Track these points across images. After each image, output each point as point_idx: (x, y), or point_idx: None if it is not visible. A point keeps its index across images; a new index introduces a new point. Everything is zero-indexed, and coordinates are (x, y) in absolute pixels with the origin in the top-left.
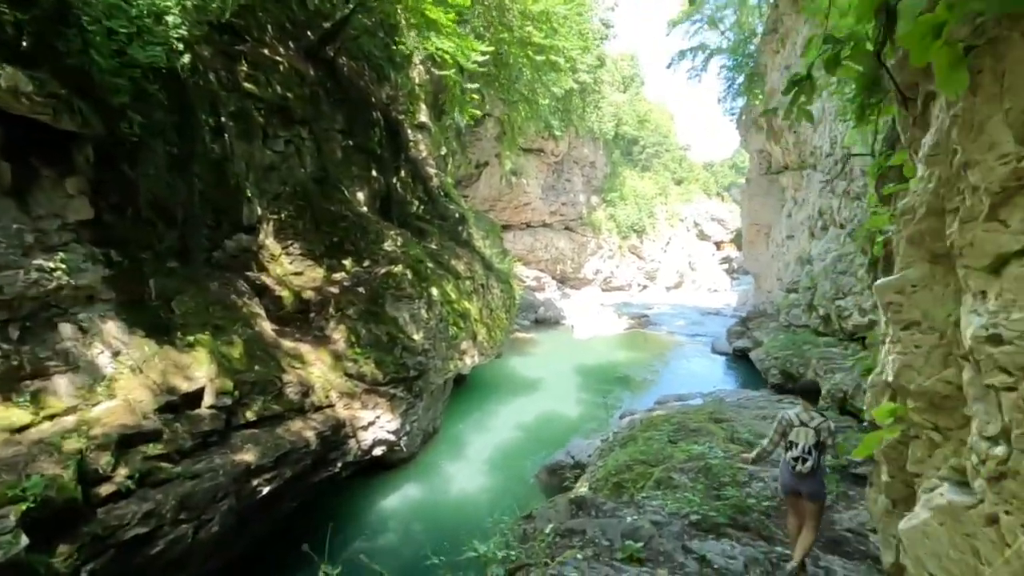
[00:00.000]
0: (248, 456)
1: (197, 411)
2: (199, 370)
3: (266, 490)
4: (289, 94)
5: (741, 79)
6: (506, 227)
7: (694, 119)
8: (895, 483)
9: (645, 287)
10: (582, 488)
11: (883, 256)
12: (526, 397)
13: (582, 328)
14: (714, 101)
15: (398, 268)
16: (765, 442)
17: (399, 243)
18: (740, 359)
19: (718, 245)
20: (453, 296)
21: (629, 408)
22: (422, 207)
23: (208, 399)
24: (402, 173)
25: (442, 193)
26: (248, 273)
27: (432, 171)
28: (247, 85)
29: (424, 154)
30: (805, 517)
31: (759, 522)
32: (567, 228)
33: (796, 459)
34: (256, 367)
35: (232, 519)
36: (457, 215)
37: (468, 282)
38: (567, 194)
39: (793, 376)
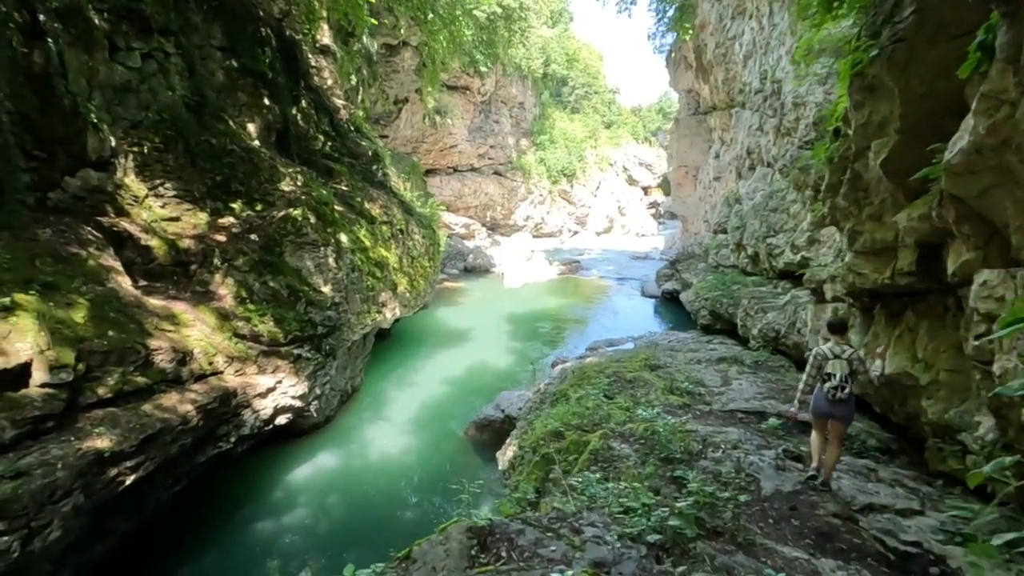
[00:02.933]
0: (101, 442)
1: (23, 392)
2: (21, 340)
3: (130, 479)
4: None
5: (671, 11)
6: (431, 171)
7: (623, 62)
8: None
9: (576, 233)
10: (510, 451)
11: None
12: (455, 349)
13: (513, 276)
14: (642, 44)
15: (298, 211)
16: (803, 383)
17: (300, 183)
18: (669, 301)
19: (645, 190)
20: (367, 243)
21: (561, 355)
22: (329, 144)
23: (39, 376)
24: (303, 103)
25: (352, 128)
26: (101, 219)
27: (340, 103)
28: None
29: (330, 83)
30: (831, 435)
31: (734, 524)
32: (496, 173)
33: (835, 388)
34: (110, 332)
35: (85, 520)
36: (371, 153)
37: (385, 227)
38: (495, 136)
39: (722, 317)
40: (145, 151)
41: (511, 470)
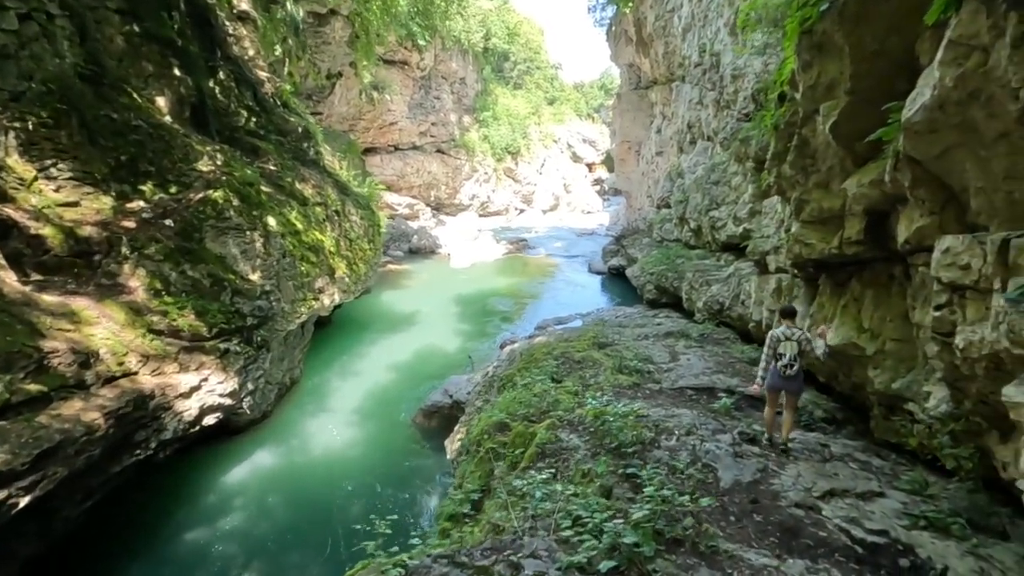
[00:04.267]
0: None
1: None
2: None
3: (25, 501)
4: None
5: None
6: (371, 150)
7: (564, 37)
8: None
9: (522, 211)
10: (457, 439)
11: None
12: (401, 334)
13: (460, 256)
14: (583, 18)
15: (219, 193)
16: (762, 364)
17: (220, 162)
18: (616, 277)
19: (590, 167)
20: (299, 226)
21: (510, 336)
22: (253, 119)
23: None
24: (220, 75)
25: (279, 103)
26: None
27: (264, 75)
28: None
29: (251, 53)
30: (786, 405)
31: (695, 530)
32: (439, 151)
33: (786, 365)
34: None
35: None
36: (300, 130)
37: (319, 209)
38: (437, 113)
39: (668, 291)
40: (30, 127)
41: (458, 460)
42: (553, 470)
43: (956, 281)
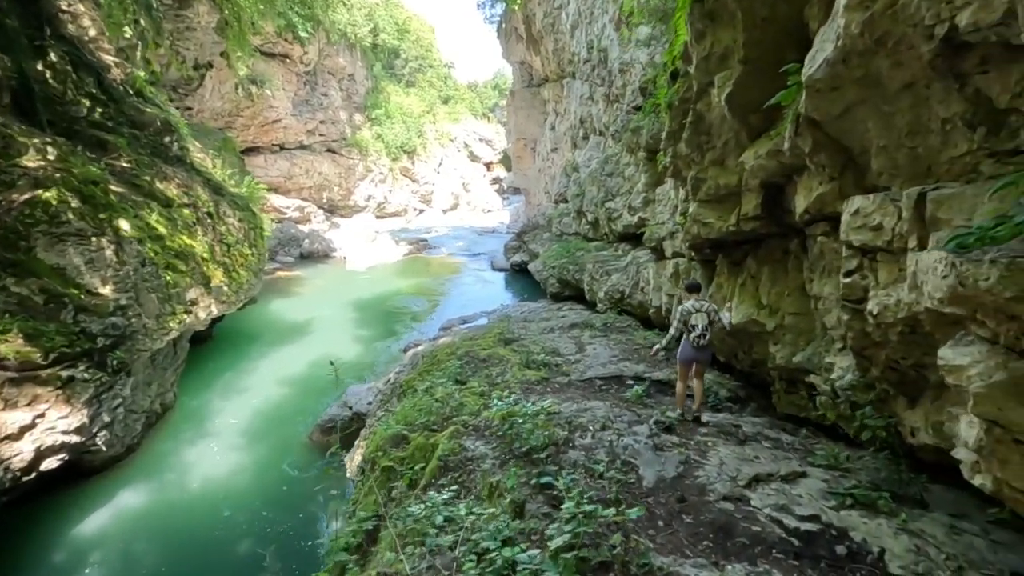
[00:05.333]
0: None
1: None
2: None
3: None
4: None
5: None
6: (253, 150)
7: (456, 36)
8: None
9: (421, 211)
10: (358, 455)
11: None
12: (294, 345)
13: (357, 259)
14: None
15: (51, 193)
16: (671, 333)
17: (52, 157)
18: (519, 273)
19: (488, 166)
20: (163, 230)
21: (414, 339)
22: (99, 110)
23: None
24: (52, 57)
25: (132, 92)
26: None
27: (111, 60)
28: None
29: (93, 34)
30: (696, 373)
31: (623, 546)
32: (330, 150)
33: (698, 336)
34: None
35: None
36: (160, 122)
37: (187, 211)
38: (325, 110)
39: (570, 283)
40: None
41: (357, 479)
42: (457, 486)
43: (867, 244)
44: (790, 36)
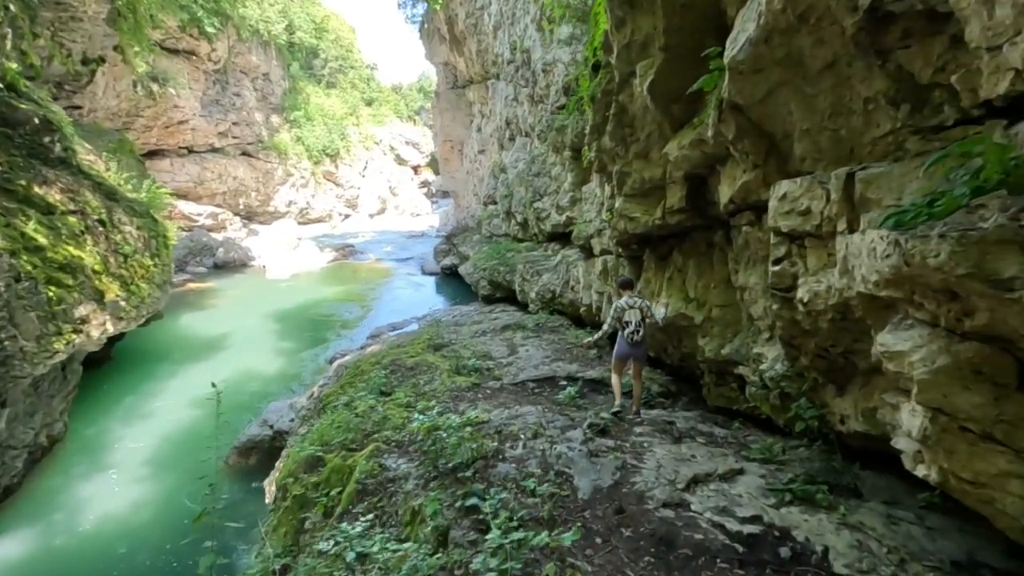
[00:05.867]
0: None
1: None
2: None
3: None
4: None
5: None
6: (157, 153)
7: (378, 38)
8: None
9: (347, 216)
10: (274, 482)
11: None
12: (207, 361)
13: (278, 267)
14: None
15: None
16: (605, 328)
17: None
18: (450, 276)
19: (415, 169)
20: (42, 240)
21: (342, 348)
22: None
23: None
24: None
25: (1, 86)
26: None
27: None
28: None
29: None
30: (633, 370)
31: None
32: (245, 154)
33: (633, 332)
34: None
35: None
36: (38, 120)
37: (73, 219)
38: (238, 111)
39: (501, 285)
40: None
41: (271, 508)
42: (376, 513)
43: (796, 229)
44: (709, 23)
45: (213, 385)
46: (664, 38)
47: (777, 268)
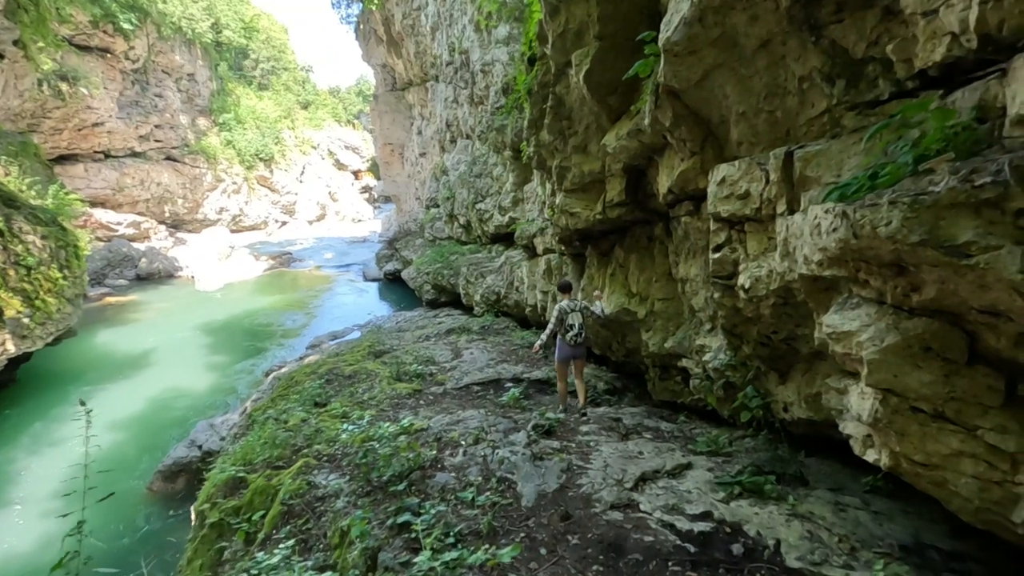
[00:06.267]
0: None
1: None
2: None
3: None
4: None
5: None
6: (69, 157)
7: (314, 40)
8: None
9: (284, 223)
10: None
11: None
12: (129, 380)
13: (208, 277)
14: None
15: None
16: (548, 331)
17: None
18: (393, 282)
19: (356, 174)
20: None
21: (280, 360)
22: None
23: None
24: None
25: None
26: None
27: None
28: None
29: None
30: (576, 370)
31: None
32: (170, 158)
33: (575, 335)
34: None
35: None
36: None
37: None
38: (161, 113)
39: (445, 289)
40: None
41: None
42: (302, 536)
43: (735, 214)
44: (644, 9)
45: (82, 403)
46: (599, 26)
47: (717, 255)
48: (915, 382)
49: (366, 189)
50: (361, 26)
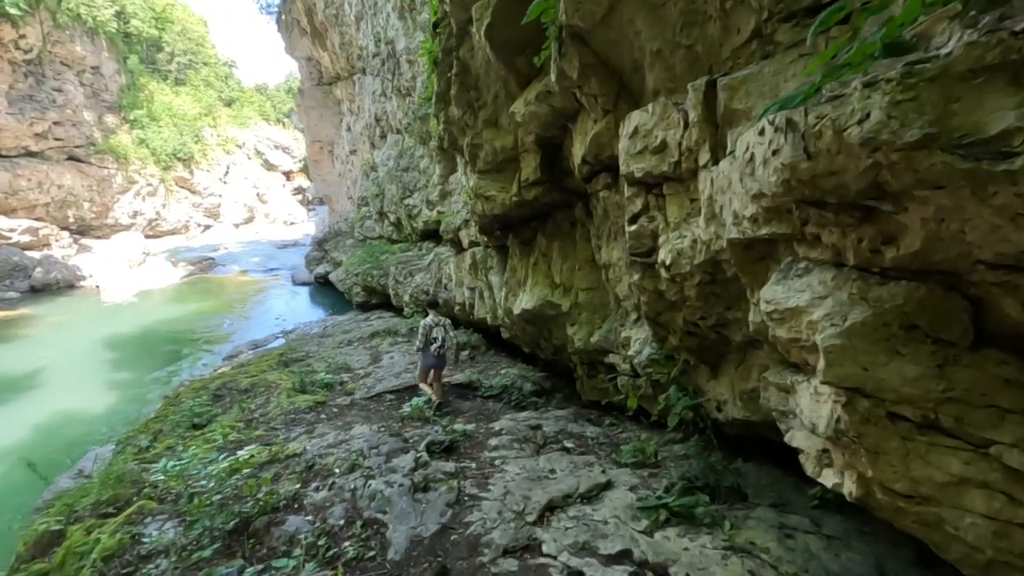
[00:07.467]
0: None
1: None
2: None
3: None
4: None
5: None
6: None
7: (237, 34)
8: None
9: (208, 227)
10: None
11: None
12: (10, 404)
13: (116, 286)
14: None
15: None
16: (417, 343)
17: None
18: (324, 285)
19: (287, 175)
20: None
21: (195, 374)
22: None
23: None
24: None
25: None
26: None
27: None
28: None
29: None
30: (435, 377)
31: None
32: (74, 158)
33: (439, 348)
34: None
35: None
36: None
37: None
38: (61, 109)
39: (375, 290)
40: None
41: None
42: None
43: (652, 172)
44: None
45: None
46: None
47: (634, 227)
48: (894, 377)
49: (299, 191)
50: (283, 16)
